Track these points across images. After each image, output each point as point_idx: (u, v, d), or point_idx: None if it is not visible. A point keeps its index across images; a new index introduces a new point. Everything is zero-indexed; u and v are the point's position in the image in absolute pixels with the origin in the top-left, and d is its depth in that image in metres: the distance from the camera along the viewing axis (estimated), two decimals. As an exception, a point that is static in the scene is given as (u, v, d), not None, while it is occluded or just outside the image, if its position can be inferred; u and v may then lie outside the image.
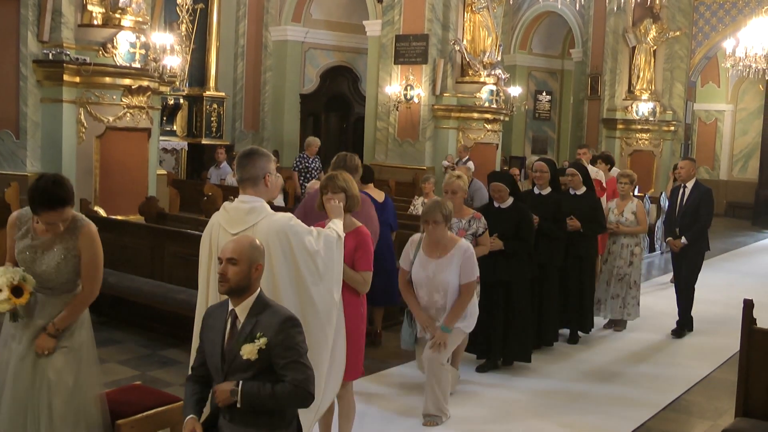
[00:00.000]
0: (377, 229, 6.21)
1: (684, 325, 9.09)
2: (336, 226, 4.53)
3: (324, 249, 4.31)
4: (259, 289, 3.73)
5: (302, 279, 4.23)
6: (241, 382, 3.54)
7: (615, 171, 11.76)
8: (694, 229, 8.90)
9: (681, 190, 9.21)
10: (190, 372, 3.93)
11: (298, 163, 12.73)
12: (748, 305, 4.94)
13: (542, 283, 7.68)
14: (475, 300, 6.07)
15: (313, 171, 12.50)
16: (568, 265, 8.22)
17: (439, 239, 5.80)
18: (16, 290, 4.07)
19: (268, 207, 4.27)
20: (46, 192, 4.09)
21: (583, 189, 8.49)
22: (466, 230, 6.59)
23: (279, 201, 11.15)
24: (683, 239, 8.88)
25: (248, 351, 3.54)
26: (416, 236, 6.04)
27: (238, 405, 3.52)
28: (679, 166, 9.45)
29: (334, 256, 4.39)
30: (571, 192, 8.50)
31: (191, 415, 3.73)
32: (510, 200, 7.19)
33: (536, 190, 8.04)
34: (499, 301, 7.09)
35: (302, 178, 12.52)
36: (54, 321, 4.20)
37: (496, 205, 7.22)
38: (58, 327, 4.20)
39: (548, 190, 8.00)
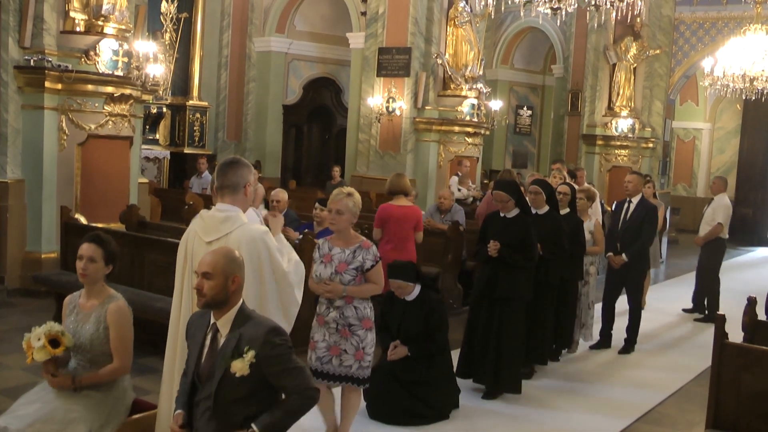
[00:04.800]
0: None
1: (632, 341, 8.96)
2: (280, 241, 4.51)
3: (294, 274, 4.37)
4: (240, 301, 3.72)
5: (265, 295, 4.25)
6: (254, 426, 3.53)
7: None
8: (635, 246, 8.76)
9: (626, 205, 9.05)
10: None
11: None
12: (720, 320, 5.03)
13: (501, 320, 6.91)
14: None
15: None
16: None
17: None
18: (54, 342, 4.30)
19: (243, 217, 4.30)
20: (94, 232, 4.72)
21: (546, 208, 7.72)
22: (349, 263, 5.37)
23: (262, 210, 11.15)
24: (624, 256, 8.75)
25: (239, 368, 3.53)
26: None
27: None
28: (627, 180, 9.19)
29: (299, 284, 4.44)
30: (533, 211, 7.58)
31: (180, 411, 3.78)
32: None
33: (501, 213, 7.07)
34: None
35: None
36: (81, 376, 4.41)
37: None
38: (81, 382, 4.39)
39: (515, 212, 7.02)
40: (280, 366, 3.57)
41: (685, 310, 11.43)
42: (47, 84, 9.65)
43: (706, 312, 11.13)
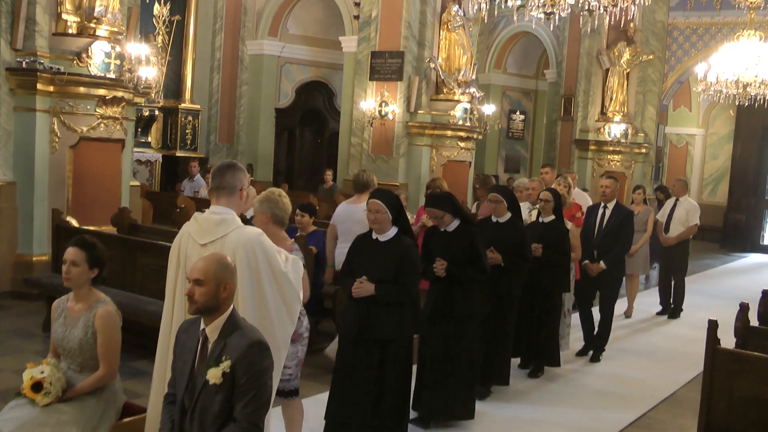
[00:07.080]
0: None
1: (600, 348, 8.75)
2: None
3: (292, 272, 4.33)
4: (230, 308, 3.69)
5: (264, 298, 4.21)
6: None
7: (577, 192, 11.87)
8: (614, 253, 8.53)
9: (601, 211, 8.81)
10: (167, 389, 3.90)
11: None
12: (713, 326, 5.02)
13: (458, 340, 6.27)
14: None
15: None
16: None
17: None
18: (37, 386, 4.30)
19: (239, 219, 4.29)
20: (80, 235, 4.67)
21: (508, 216, 7.11)
22: None
23: (251, 213, 11.15)
24: (602, 263, 8.49)
25: (213, 375, 3.50)
26: None
27: None
28: (605, 185, 8.87)
29: (299, 283, 4.40)
30: (494, 219, 7.17)
31: None
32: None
33: (440, 228, 6.44)
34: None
35: None
36: (66, 393, 4.38)
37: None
38: (68, 396, 4.38)
39: (455, 224, 6.38)
40: (248, 384, 3.48)
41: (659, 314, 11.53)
42: (39, 86, 9.62)
43: (672, 306, 11.57)
